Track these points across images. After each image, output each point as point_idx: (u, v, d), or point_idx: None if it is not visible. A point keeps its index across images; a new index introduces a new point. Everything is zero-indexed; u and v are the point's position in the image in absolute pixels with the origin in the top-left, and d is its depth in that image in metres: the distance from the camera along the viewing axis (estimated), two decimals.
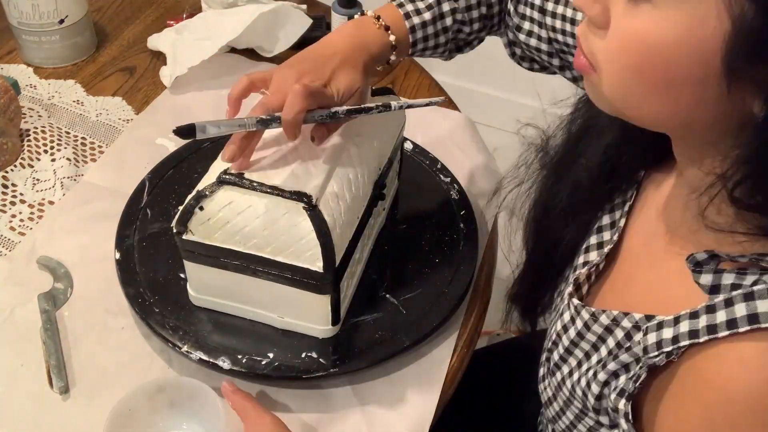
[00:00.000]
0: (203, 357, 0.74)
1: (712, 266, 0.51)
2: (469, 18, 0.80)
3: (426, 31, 0.78)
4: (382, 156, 0.80)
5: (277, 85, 0.69)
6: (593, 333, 0.61)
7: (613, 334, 0.59)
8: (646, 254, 0.62)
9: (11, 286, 0.83)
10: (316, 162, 0.71)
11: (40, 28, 1.08)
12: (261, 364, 0.73)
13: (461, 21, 0.80)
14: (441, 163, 0.96)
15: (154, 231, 0.85)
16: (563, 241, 0.69)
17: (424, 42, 0.79)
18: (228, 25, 1.10)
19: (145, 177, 0.91)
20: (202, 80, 1.10)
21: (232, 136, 0.68)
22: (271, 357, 0.74)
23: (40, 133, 1.01)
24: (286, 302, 0.74)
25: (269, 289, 0.73)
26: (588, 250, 0.67)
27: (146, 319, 0.77)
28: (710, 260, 0.52)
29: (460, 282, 0.83)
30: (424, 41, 0.79)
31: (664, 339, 0.53)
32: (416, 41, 0.78)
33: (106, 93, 1.09)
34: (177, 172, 0.93)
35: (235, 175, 0.68)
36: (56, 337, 0.77)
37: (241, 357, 0.74)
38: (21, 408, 0.73)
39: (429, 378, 0.77)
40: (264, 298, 0.75)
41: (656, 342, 0.53)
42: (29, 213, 0.91)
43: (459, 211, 0.90)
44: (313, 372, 0.73)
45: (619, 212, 0.64)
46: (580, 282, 0.65)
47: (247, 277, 0.73)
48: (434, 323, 0.78)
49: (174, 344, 0.75)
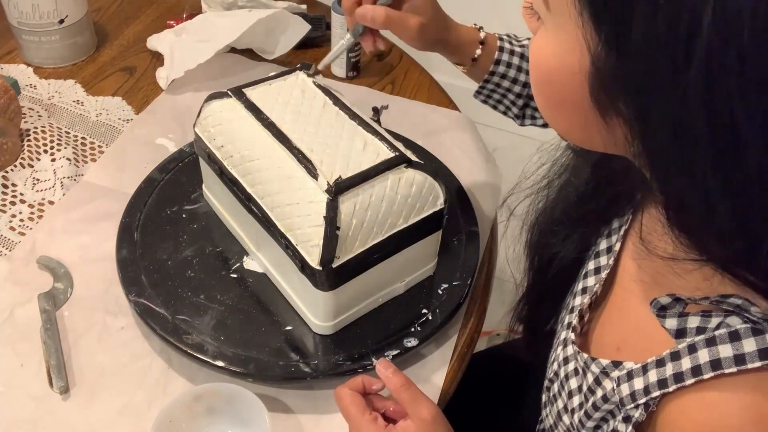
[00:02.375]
0: (204, 358, 0.74)
1: (676, 310, 0.51)
2: None
3: (512, 59, 0.84)
4: None
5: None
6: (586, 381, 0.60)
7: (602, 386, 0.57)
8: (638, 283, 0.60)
9: (11, 286, 0.83)
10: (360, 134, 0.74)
11: (40, 28, 1.08)
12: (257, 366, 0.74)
13: None
14: (440, 163, 0.96)
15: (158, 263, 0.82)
16: (558, 257, 0.69)
17: (507, 67, 0.84)
18: (226, 28, 1.10)
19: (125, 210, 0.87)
20: (202, 80, 1.11)
21: None
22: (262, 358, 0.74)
23: (40, 133, 1.01)
24: (409, 262, 0.78)
25: (398, 260, 0.75)
26: (586, 276, 0.66)
27: (146, 320, 0.77)
28: (675, 303, 0.51)
29: (460, 282, 0.83)
30: (507, 66, 0.84)
31: (636, 390, 0.52)
32: (500, 60, 0.84)
33: (106, 93, 1.09)
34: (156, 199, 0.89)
35: (339, 182, 0.68)
36: (56, 337, 0.77)
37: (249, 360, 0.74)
38: (21, 408, 0.73)
39: (429, 378, 0.77)
40: (392, 273, 0.77)
41: (629, 394, 0.53)
42: (29, 213, 0.91)
43: (458, 211, 0.90)
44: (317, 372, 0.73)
45: (615, 236, 0.64)
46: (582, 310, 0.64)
47: (381, 264, 0.74)
48: (434, 323, 0.78)
49: (174, 344, 0.75)
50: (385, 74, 1.17)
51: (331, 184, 0.68)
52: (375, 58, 1.19)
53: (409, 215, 0.73)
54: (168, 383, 0.75)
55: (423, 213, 0.74)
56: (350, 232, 0.69)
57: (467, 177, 0.97)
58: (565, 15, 0.45)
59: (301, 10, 1.21)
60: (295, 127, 0.75)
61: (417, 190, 0.72)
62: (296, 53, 1.17)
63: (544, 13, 0.48)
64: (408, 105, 1.11)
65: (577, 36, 0.44)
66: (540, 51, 0.50)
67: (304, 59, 1.18)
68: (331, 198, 0.67)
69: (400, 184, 0.71)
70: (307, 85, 0.81)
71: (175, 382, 0.75)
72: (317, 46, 1.20)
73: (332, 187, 0.68)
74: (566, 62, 0.46)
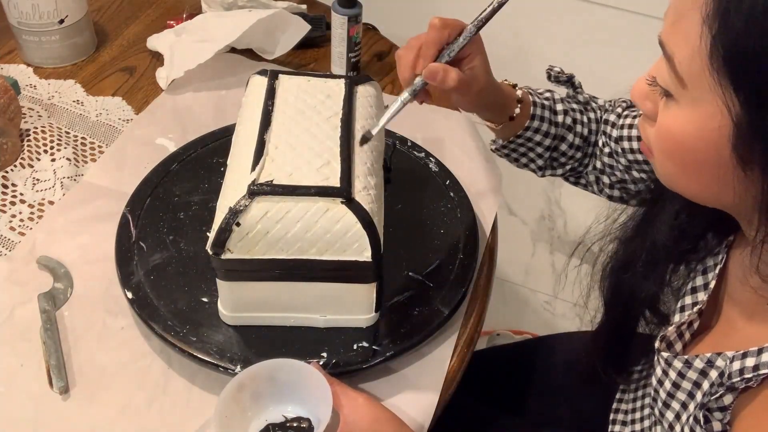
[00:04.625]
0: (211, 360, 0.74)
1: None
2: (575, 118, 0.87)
3: (543, 113, 0.85)
4: (381, 140, 0.81)
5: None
6: (688, 380, 0.62)
7: (708, 377, 0.60)
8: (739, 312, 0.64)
9: (11, 286, 0.83)
10: (333, 154, 0.72)
11: (40, 28, 1.08)
12: None
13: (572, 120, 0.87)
14: (440, 162, 0.96)
15: (157, 262, 0.82)
16: (640, 296, 0.71)
17: (540, 122, 0.85)
18: (226, 28, 1.10)
19: (124, 210, 0.87)
20: (203, 80, 1.11)
21: None
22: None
23: (40, 133, 1.01)
24: (329, 299, 0.75)
25: (311, 290, 0.73)
26: (683, 310, 0.68)
27: (146, 319, 0.77)
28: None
29: (460, 282, 0.83)
30: (540, 121, 0.85)
31: (746, 367, 0.55)
32: (534, 116, 0.84)
33: (105, 93, 1.09)
34: (155, 199, 0.89)
35: (265, 184, 0.68)
36: (56, 337, 0.77)
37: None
38: (21, 408, 0.73)
39: (429, 378, 0.77)
40: (305, 300, 0.75)
41: (739, 369, 0.56)
42: (29, 213, 0.91)
43: (458, 211, 0.91)
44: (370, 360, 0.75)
45: (711, 273, 0.67)
46: (670, 339, 0.66)
47: (289, 283, 0.73)
48: (434, 323, 0.78)
49: (174, 344, 0.75)
50: (385, 74, 1.17)
51: (254, 184, 0.68)
52: (375, 58, 1.19)
53: (325, 250, 0.70)
54: (168, 383, 0.75)
55: (341, 255, 0.70)
56: (251, 235, 0.68)
57: (467, 177, 0.97)
58: (703, 87, 0.51)
59: (301, 10, 1.21)
60: (285, 121, 0.75)
61: (341, 229, 0.68)
62: (296, 53, 1.17)
63: (678, 91, 0.54)
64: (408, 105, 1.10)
65: (716, 102, 0.51)
66: (674, 122, 0.55)
67: (304, 59, 1.18)
68: (245, 195, 0.68)
69: (324, 215, 0.68)
70: (337, 93, 0.79)
71: (175, 382, 0.75)
72: (317, 46, 1.20)
73: (253, 186, 0.68)
74: (706, 127, 0.52)
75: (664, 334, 0.66)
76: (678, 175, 0.58)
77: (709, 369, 0.60)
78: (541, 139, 0.86)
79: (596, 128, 0.89)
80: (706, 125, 0.52)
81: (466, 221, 0.89)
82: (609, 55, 1.31)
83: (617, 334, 0.76)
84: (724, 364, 0.58)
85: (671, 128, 0.56)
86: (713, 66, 0.50)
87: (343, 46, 1.10)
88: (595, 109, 0.90)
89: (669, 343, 0.66)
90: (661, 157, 0.59)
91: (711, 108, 0.52)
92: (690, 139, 0.54)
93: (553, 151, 0.88)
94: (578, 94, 0.90)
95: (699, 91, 0.52)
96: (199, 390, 0.75)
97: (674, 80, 0.54)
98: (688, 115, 0.54)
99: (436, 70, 0.73)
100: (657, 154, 0.59)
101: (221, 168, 0.86)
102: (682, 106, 0.54)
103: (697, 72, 0.51)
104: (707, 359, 0.60)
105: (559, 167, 0.90)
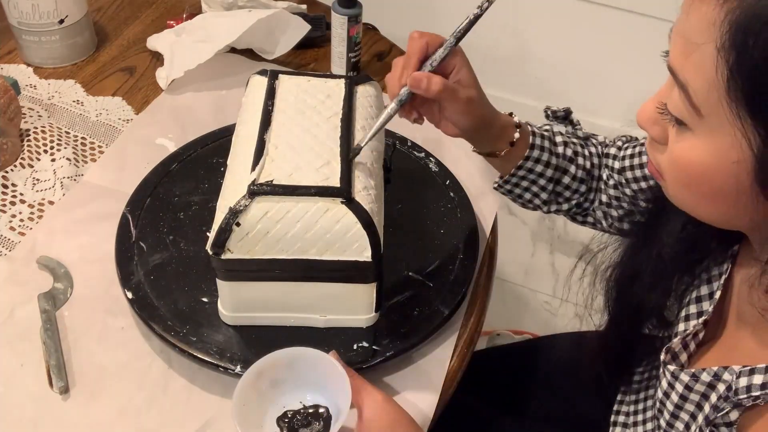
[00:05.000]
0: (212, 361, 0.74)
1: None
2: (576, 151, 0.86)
3: (543, 142, 0.83)
4: (381, 141, 0.81)
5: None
6: (696, 393, 0.61)
7: (716, 389, 0.59)
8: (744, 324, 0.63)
9: (11, 286, 0.83)
10: (333, 154, 0.72)
11: (40, 28, 1.08)
12: None
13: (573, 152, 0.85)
14: (440, 162, 0.96)
15: (157, 262, 0.83)
16: (646, 305, 0.71)
17: (540, 151, 0.83)
18: (226, 28, 1.10)
19: (124, 210, 0.87)
20: (202, 80, 1.11)
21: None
22: None
23: (40, 133, 1.01)
24: (329, 299, 0.75)
25: (311, 290, 0.73)
26: (688, 319, 0.68)
27: (146, 319, 0.77)
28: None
29: (460, 282, 0.83)
30: (540, 150, 0.83)
31: (754, 384, 0.54)
32: (534, 145, 0.83)
33: (106, 93, 1.09)
34: (155, 199, 0.89)
35: (265, 184, 0.68)
36: (56, 337, 0.77)
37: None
38: (21, 408, 0.73)
39: (429, 378, 0.77)
40: (305, 300, 0.75)
41: (746, 386, 0.55)
42: (29, 213, 0.91)
43: (458, 211, 0.91)
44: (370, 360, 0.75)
45: (716, 283, 0.67)
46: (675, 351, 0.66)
47: (289, 283, 0.73)
48: (434, 323, 0.78)
49: (174, 344, 0.75)
50: (385, 74, 1.16)
51: (254, 184, 0.68)
52: (375, 58, 1.19)
53: (325, 250, 0.70)
54: (168, 383, 0.75)
55: (341, 255, 0.70)
56: (251, 235, 0.68)
57: (467, 177, 0.97)
58: (721, 118, 0.50)
59: (301, 10, 1.21)
60: (285, 121, 0.75)
61: (341, 229, 0.69)
62: (296, 53, 1.17)
63: (694, 121, 0.53)
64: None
65: (734, 133, 0.50)
66: (692, 153, 0.54)
67: (304, 59, 1.18)
68: (245, 195, 0.68)
69: (324, 215, 0.68)
70: (337, 93, 0.79)
71: (175, 382, 0.75)
72: (317, 46, 1.20)
73: (253, 186, 0.68)
74: (726, 158, 0.52)
75: (669, 345, 0.66)
76: (693, 201, 0.58)
77: (717, 382, 0.59)
78: (542, 170, 0.84)
79: (598, 162, 0.88)
80: (725, 156, 0.52)
81: (466, 221, 0.89)
82: (609, 55, 1.31)
83: (622, 340, 0.76)
84: (730, 378, 0.57)
85: (689, 159, 0.54)
86: (731, 98, 0.49)
87: (343, 46, 1.10)
88: (595, 144, 0.88)
89: (674, 354, 0.66)
90: (676, 185, 0.58)
91: (730, 139, 0.51)
92: (709, 170, 0.53)
93: (557, 185, 0.86)
94: (577, 131, 0.89)
95: (716, 120, 0.51)
96: (199, 390, 0.75)
97: (689, 109, 0.52)
98: (706, 145, 0.53)
99: (419, 78, 0.73)
100: (671, 182, 0.59)
101: (221, 168, 0.86)
102: (698, 135, 0.53)
103: (714, 103, 0.50)
104: (714, 373, 0.59)
105: (565, 202, 0.88)
